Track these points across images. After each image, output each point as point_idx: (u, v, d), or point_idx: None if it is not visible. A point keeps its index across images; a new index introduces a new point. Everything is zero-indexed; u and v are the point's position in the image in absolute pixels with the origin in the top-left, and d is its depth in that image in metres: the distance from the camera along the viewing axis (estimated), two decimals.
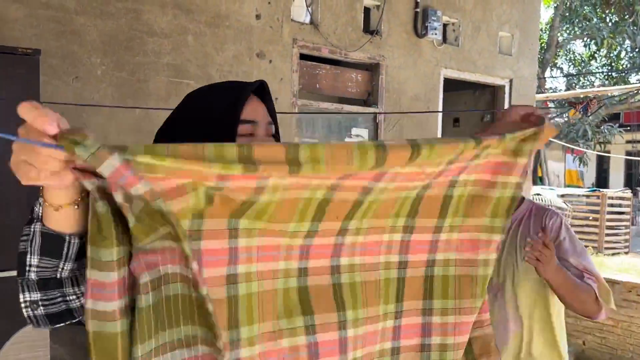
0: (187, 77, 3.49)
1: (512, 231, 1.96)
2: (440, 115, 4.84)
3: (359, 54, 4.25)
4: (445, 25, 4.95)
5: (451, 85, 5.25)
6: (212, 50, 3.58)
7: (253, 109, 0.98)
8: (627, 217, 9.82)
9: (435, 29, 4.62)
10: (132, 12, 3.30)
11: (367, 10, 4.38)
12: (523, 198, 1.99)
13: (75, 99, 3.13)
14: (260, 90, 1.01)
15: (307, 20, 4.01)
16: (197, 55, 3.53)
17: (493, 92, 5.50)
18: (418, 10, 4.58)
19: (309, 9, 4.02)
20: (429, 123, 4.74)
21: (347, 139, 4.24)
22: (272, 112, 1.03)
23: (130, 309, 0.71)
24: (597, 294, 1.78)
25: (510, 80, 5.40)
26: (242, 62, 3.70)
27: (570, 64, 18.92)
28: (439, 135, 4.84)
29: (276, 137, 1.04)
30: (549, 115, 13.12)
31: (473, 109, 5.67)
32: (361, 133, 4.34)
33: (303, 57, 4.02)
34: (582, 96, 10.03)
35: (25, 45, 2.87)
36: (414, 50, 4.61)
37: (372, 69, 4.44)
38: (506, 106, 5.42)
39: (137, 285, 0.71)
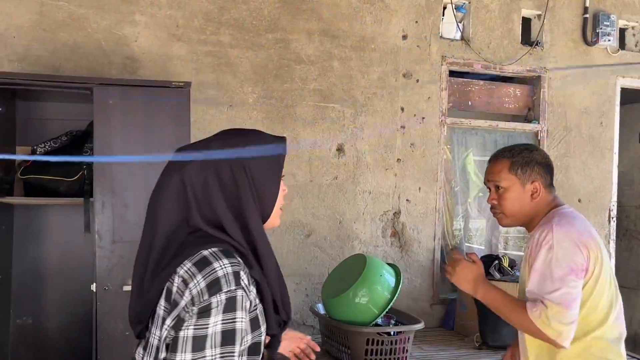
0: (332, 101, 3.58)
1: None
2: (617, 129, 4.32)
3: (516, 67, 3.99)
4: (623, 30, 4.45)
5: (634, 96, 4.68)
6: (358, 74, 3.64)
7: None
8: None
9: (608, 34, 4.17)
10: (281, 42, 3.49)
11: (525, 21, 4.11)
12: (552, 209, 1.91)
13: (229, 125, 3.37)
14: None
15: (458, 36, 3.88)
16: (342, 80, 3.60)
17: None
18: (587, 16, 4.18)
19: (460, 24, 3.89)
20: (602, 139, 4.26)
21: None
22: None
23: None
24: (532, 315, 1.67)
25: None
26: (387, 83, 3.70)
27: None
28: (616, 152, 4.32)
29: None
30: None
31: None
32: None
33: (452, 73, 3.90)
34: None
35: (186, 79, 3.19)
36: (583, 59, 4.20)
37: (532, 82, 4.14)
38: None
39: None
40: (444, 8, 3.87)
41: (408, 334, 2.86)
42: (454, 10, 3.84)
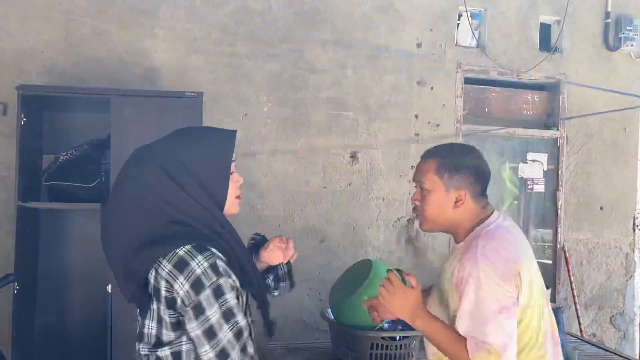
0: (346, 109, 3.65)
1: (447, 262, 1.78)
2: None
3: (534, 73, 3.97)
4: None
5: None
6: (371, 82, 3.69)
7: None
8: None
9: (631, 39, 4.11)
10: (295, 53, 3.58)
11: (543, 27, 4.09)
12: (479, 221, 1.74)
13: (245, 134, 3.49)
14: None
15: (473, 43, 3.90)
16: (356, 88, 3.67)
17: None
18: (609, 20, 4.12)
19: (476, 32, 3.90)
20: (626, 146, 4.18)
21: (521, 165, 3.98)
22: None
23: None
24: (474, 357, 1.52)
25: None
26: (401, 91, 3.74)
27: None
28: None
29: None
30: None
31: None
32: (539, 158, 4.02)
33: (468, 81, 3.91)
34: None
35: (203, 89, 3.30)
36: (604, 65, 4.14)
37: (551, 88, 4.11)
38: None
39: None
40: (460, 16, 3.89)
41: (413, 340, 2.88)
42: (470, 17, 3.86)
